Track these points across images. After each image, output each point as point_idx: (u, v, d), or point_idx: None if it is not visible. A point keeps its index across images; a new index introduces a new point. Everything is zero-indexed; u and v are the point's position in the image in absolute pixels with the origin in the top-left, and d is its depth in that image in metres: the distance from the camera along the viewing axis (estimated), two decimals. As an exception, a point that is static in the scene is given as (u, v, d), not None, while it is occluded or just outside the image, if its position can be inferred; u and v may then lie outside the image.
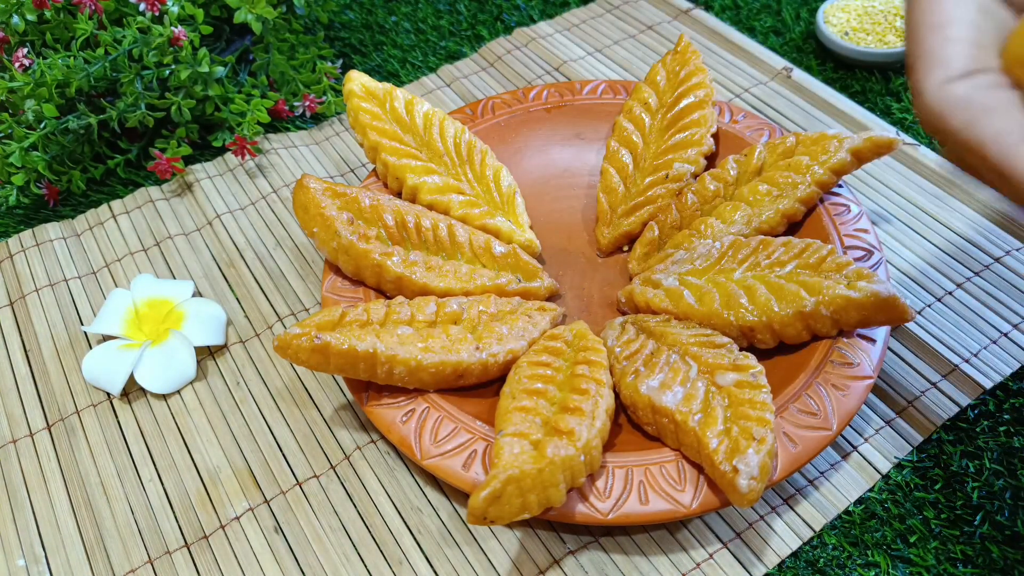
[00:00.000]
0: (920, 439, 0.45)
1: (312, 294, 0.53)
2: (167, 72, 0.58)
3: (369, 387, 0.43)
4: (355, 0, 0.76)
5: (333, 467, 0.45)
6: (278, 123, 0.65)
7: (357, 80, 0.53)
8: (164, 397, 0.48)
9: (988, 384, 0.46)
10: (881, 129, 0.60)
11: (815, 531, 0.42)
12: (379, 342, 0.41)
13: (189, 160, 0.62)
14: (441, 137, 0.53)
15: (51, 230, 0.57)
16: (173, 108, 0.59)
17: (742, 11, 0.74)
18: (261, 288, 0.53)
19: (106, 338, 0.50)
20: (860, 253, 0.47)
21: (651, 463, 0.40)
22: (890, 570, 0.41)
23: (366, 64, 0.71)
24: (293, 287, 0.53)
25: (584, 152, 0.58)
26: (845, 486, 0.43)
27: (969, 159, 0.27)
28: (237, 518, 0.43)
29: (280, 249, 0.56)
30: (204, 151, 0.64)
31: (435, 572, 0.41)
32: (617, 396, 0.42)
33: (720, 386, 0.40)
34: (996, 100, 0.27)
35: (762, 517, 0.42)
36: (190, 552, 0.42)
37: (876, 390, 0.47)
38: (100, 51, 0.56)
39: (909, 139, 0.60)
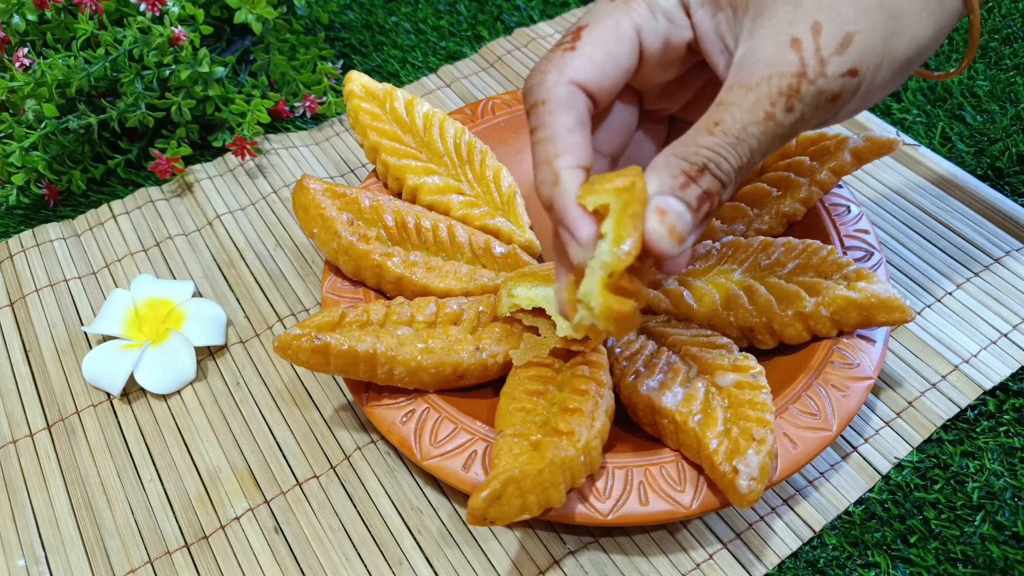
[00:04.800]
0: (920, 439, 0.45)
1: (312, 294, 0.53)
2: (167, 72, 0.58)
3: (369, 388, 0.43)
4: (355, 0, 0.76)
5: (333, 467, 0.45)
6: (278, 123, 0.65)
7: (357, 80, 0.53)
8: (164, 397, 0.48)
9: (988, 384, 0.46)
10: (881, 129, 0.60)
11: (815, 531, 0.42)
12: (379, 343, 0.41)
13: (189, 160, 0.62)
14: (441, 138, 0.53)
15: (51, 230, 0.57)
16: (173, 108, 0.59)
17: (742, 11, 0.73)
18: (261, 288, 0.53)
19: (106, 338, 0.50)
20: (860, 253, 0.47)
21: (651, 464, 0.40)
22: (890, 570, 0.41)
23: (366, 64, 0.71)
24: (293, 287, 0.53)
25: (584, 152, 0.57)
26: (845, 486, 0.43)
27: None
28: (237, 518, 0.43)
29: (280, 249, 0.56)
30: (204, 151, 0.64)
31: (435, 572, 0.41)
32: (617, 396, 0.42)
33: (720, 387, 0.40)
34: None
35: (762, 518, 0.42)
36: (190, 552, 0.42)
37: (876, 390, 0.47)
38: (100, 51, 0.56)
39: (909, 139, 0.60)
